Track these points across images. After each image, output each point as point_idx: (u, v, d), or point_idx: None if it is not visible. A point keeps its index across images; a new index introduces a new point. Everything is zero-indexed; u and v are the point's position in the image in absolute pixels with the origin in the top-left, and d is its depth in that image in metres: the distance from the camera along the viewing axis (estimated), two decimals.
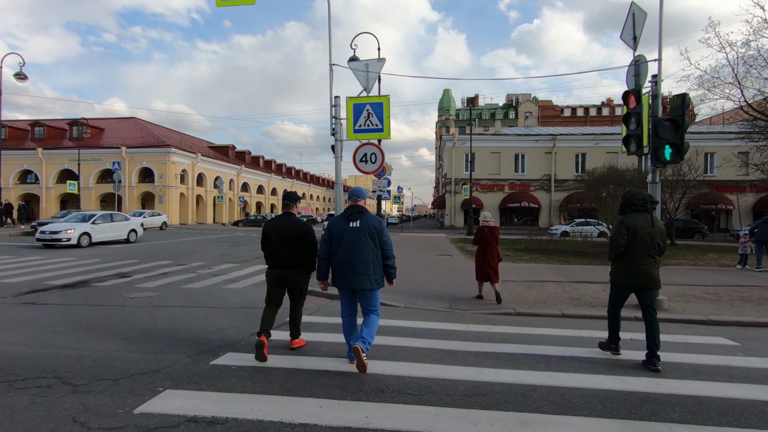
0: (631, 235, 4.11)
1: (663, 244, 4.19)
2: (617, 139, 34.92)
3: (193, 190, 40.91)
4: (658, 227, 4.18)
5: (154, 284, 8.46)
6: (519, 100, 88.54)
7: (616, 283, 4.36)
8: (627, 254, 4.16)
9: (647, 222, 4.14)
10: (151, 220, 27.15)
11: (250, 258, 13.36)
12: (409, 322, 5.78)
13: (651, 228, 4.12)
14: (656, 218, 4.27)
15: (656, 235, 4.13)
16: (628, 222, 4.16)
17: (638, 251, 4.11)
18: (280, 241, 4.18)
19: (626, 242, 4.13)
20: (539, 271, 10.73)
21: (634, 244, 4.11)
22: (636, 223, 4.13)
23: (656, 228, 4.16)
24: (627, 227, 4.14)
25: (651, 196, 4.28)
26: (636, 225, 4.12)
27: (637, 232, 4.10)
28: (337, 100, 8.35)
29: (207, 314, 6.03)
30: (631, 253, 4.14)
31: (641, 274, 4.12)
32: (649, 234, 4.10)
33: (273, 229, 4.25)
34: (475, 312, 6.55)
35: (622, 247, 4.14)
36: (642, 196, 4.24)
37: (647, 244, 4.10)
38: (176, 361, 3.99)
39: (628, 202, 4.29)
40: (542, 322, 6.01)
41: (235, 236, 23.52)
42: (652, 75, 6.84)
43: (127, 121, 44.33)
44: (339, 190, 8.41)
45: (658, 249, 4.15)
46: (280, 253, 4.19)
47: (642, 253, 4.11)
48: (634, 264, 4.13)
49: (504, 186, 35.89)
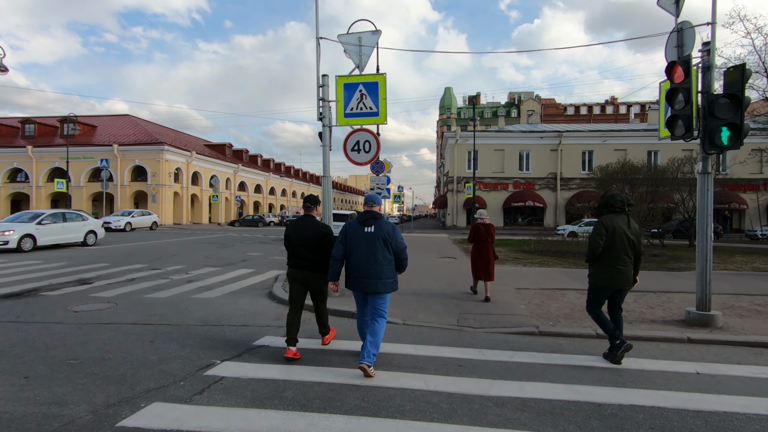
0: (610, 236, 4.13)
1: (639, 246, 4.23)
2: (625, 136, 33.68)
3: (187, 189, 39.75)
4: (634, 229, 4.23)
5: (113, 293, 7.29)
6: (521, 98, 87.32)
7: (595, 284, 4.31)
8: (606, 255, 4.18)
9: (625, 223, 4.17)
10: (140, 220, 26.00)
11: (235, 261, 12.18)
12: (409, 347, 4.59)
13: (628, 229, 4.17)
14: (633, 220, 4.29)
15: (633, 237, 4.17)
16: (606, 223, 4.17)
17: (616, 252, 4.14)
18: (301, 243, 4.27)
19: (605, 243, 4.14)
20: (555, 277, 9.52)
21: (612, 245, 4.14)
22: (614, 224, 4.16)
23: (633, 229, 4.21)
24: (606, 228, 4.16)
25: (628, 198, 4.35)
26: (614, 226, 4.15)
27: (615, 234, 4.12)
28: (325, 79, 7.17)
29: (155, 336, 4.85)
30: (609, 255, 4.16)
31: (620, 275, 4.16)
32: (627, 235, 4.14)
33: (293, 232, 4.35)
34: (489, 330, 5.36)
35: (600, 248, 4.15)
36: (620, 198, 4.28)
37: (625, 246, 4.14)
38: (70, 421, 2.80)
39: (606, 204, 4.30)
40: (574, 346, 4.82)
41: (227, 237, 22.37)
42: (702, 43, 5.65)
43: (120, 119, 43.19)
44: (327, 184, 7.22)
45: (634, 250, 4.19)
46: (301, 255, 4.28)
47: (620, 255, 4.14)
48: (612, 265, 4.15)
49: (508, 185, 34.66)
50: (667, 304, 6.91)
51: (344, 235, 4.01)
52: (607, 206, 4.28)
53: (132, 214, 25.53)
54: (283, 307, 6.54)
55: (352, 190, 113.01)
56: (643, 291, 7.87)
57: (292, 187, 67.12)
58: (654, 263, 12.27)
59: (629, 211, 4.29)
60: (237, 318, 5.76)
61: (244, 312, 6.15)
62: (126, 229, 24.58)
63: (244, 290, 7.89)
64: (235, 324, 5.43)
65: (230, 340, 4.72)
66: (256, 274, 9.92)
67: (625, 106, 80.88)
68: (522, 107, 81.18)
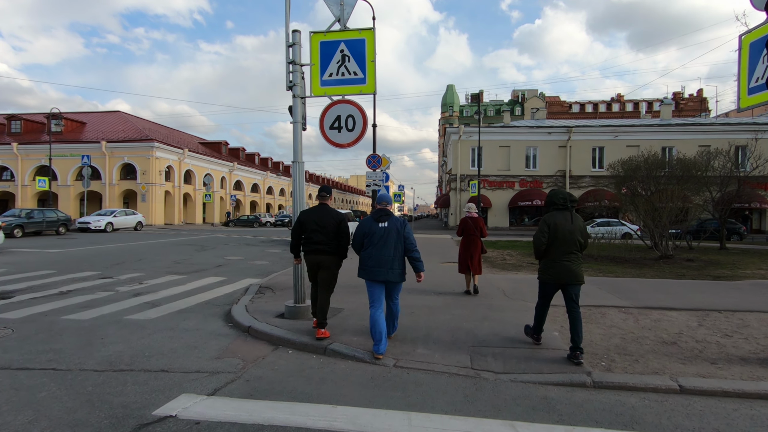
0: (552, 233, 4.20)
1: (584, 241, 4.28)
2: (639, 131, 31.90)
3: (179, 188, 38.19)
4: (577, 224, 4.24)
5: (25, 313, 5.66)
6: (525, 96, 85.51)
7: (543, 279, 4.38)
8: (550, 251, 4.24)
9: (567, 219, 4.22)
10: (123, 220, 24.37)
11: (208, 267, 10.55)
12: (400, 418, 2.94)
13: (571, 225, 4.20)
14: (576, 216, 4.31)
15: (576, 232, 4.20)
16: (549, 220, 4.24)
17: (560, 248, 4.19)
18: (317, 228, 4.55)
19: (548, 240, 4.22)
20: (587, 290, 7.84)
21: (555, 241, 4.20)
22: (556, 221, 4.21)
23: (576, 225, 4.23)
24: (548, 225, 4.23)
25: (571, 195, 4.36)
26: (556, 223, 4.20)
27: (557, 230, 4.18)
28: (297, 36, 5.52)
29: (18, 392, 3.20)
30: (553, 250, 4.22)
31: (564, 270, 4.18)
32: (570, 231, 4.18)
33: (309, 218, 4.65)
34: (518, 378, 3.69)
35: (543, 245, 4.24)
36: (562, 195, 4.33)
37: (568, 241, 4.18)
38: None
39: (550, 201, 4.37)
40: (655, 412, 3.16)
41: (213, 238, 20.74)
42: None
43: (110, 115, 41.66)
44: (298, 171, 5.55)
45: (579, 245, 4.23)
46: (317, 239, 4.54)
47: (564, 250, 4.19)
48: (557, 261, 4.21)
49: (514, 183, 32.91)
50: (745, 330, 5.23)
51: (362, 233, 4.34)
52: (551, 204, 4.35)
53: (114, 214, 23.90)
54: (238, 335, 4.91)
55: (353, 190, 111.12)
56: (705, 309, 6.20)
57: (290, 186, 65.57)
58: (692, 270, 10.58)
59: (572, 207, 4.30)
60: (161, 356, 4.11)
61: (178, 344, 4.51)
62: (107, 230, 22.98)
63: (197, 307, 6.26)
64: (152, 368, 3.77)
65: (124, 404, 3.04)
66: (225, 283, 8.30)
67: (632, 104, 78.92)
68: (526, 105, 79.30)
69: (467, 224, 7.27)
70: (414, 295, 6.85)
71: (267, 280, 8.35)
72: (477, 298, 6.91)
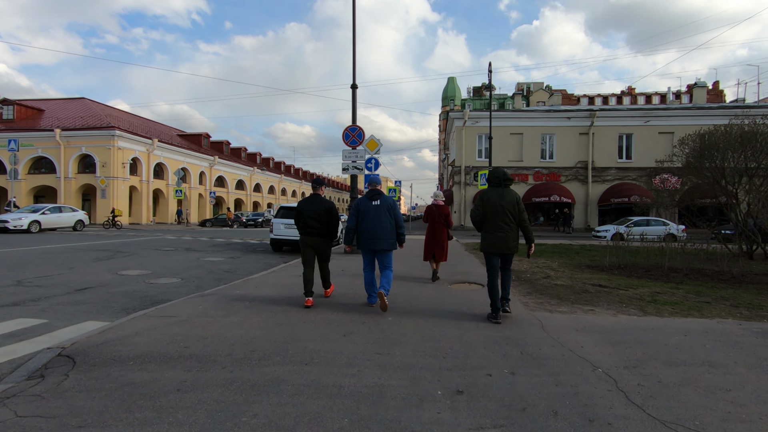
0: (485, 207, 4.67)
1: (518, 213, 4.67)
2: (674, 115, 27.47)
3: (148, 183, 33.84)
4: (508, 198, 4.66)
5: None
6: (531, 88, 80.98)
7: (484, 250, 4.79)
8: (486, 224, 4.71)
9: (499, 195, 4.67)
10: (54, 218, 19.84)
11: (60, 292, 6.22)
12: None
13: (502, 200, 4.64)
14: (508, 191, 4.74)
15: (507, 206, 4.62)
16: (483, 196, 4.76)
17: (493, 221, 4.64)
18: (311, 215, 5.36)
19: (482, 214, 4.71)
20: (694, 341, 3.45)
21: (487, 215, 4.67)
22: (488, 196, 4.70)
23: (506, 199, 4.65)
24: (482, 200, 4.73)
25: (505, 173, 4.81)
26: (488, 198, 4.69)
27: (489, 204, 4.65)
28: None
29: None
30: (488, 223, 4.68)
31: (499, 241, 4.62)
32: (501, 205, 4.61)
33: (305, 207, 5.44)
34: None
35: (478, 217, 4.75)
36: (496, 174, 4.80)
37: (499, 214, 4.61)
38: None
39: (489, 180, 4.91)
40: None
41: (151, 241, 16.36)
42: None
43: (73, 102, 37.30)
44: None
45: (512, 217, 4.63)
46: (311, 225, 5.35)
47: (497, 222, 4.63)
48: (492, 232, 4.66)
49: (528, 176, 28.51)
50: None
51: (357, 210, 5.31)
52: (489, 182, 4.86)
53: (42, 211, 19.43)
54: None
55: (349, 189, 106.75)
56: None
57: (281, 184, 61.08)
58: None
59: (506, 185, 4.74)
60: None
61: None
62: (32, 230, 18.60)
63: None
64: None
65: None
66: (21, 336, 3.95)
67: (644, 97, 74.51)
68: (531, 98, 74.67)
69: (432, 212, 7.36)
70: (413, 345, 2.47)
71: (101, 332, 3.97)
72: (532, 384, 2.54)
